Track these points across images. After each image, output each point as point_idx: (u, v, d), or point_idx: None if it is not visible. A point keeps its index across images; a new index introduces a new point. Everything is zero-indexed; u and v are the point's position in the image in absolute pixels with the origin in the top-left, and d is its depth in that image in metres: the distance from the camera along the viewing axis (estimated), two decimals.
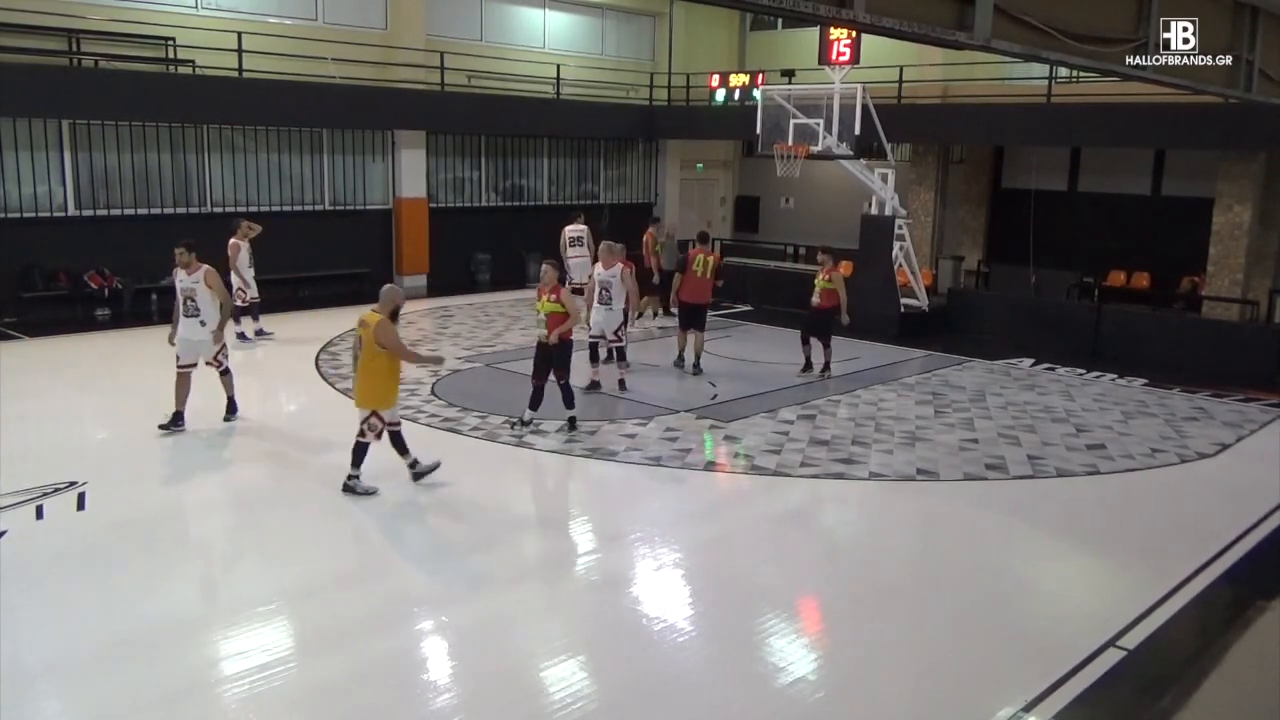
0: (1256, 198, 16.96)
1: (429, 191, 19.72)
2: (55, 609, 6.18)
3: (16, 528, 7.30)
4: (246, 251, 13.93)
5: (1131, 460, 9.84)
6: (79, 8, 15.54)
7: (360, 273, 18.63)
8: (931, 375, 13.34)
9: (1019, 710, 5.31)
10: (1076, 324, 15.50)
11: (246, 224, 14.13)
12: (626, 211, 22.86)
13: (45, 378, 12.03)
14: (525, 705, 5.29)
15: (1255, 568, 7.51)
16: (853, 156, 15.77)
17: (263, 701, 5.21)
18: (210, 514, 7.82)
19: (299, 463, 9.49)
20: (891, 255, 16.16)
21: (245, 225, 14.08)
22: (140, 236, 16.26)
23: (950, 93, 20.29)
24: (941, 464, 9.51)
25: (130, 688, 5.33)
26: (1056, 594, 6.99)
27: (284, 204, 17.96)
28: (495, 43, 21.11)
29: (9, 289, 15.17)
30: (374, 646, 5.85)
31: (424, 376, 12.28)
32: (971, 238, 21.04)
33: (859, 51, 15.54)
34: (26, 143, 15.26)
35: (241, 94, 16.47)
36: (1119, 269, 18.91)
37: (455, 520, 7.93)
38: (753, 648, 6.00)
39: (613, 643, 6.08)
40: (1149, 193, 19.11)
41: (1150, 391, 12.70)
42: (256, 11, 17.53)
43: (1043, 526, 8.33)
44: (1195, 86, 8.60)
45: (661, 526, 7.93)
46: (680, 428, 10.39)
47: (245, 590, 6.53)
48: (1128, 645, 6.08)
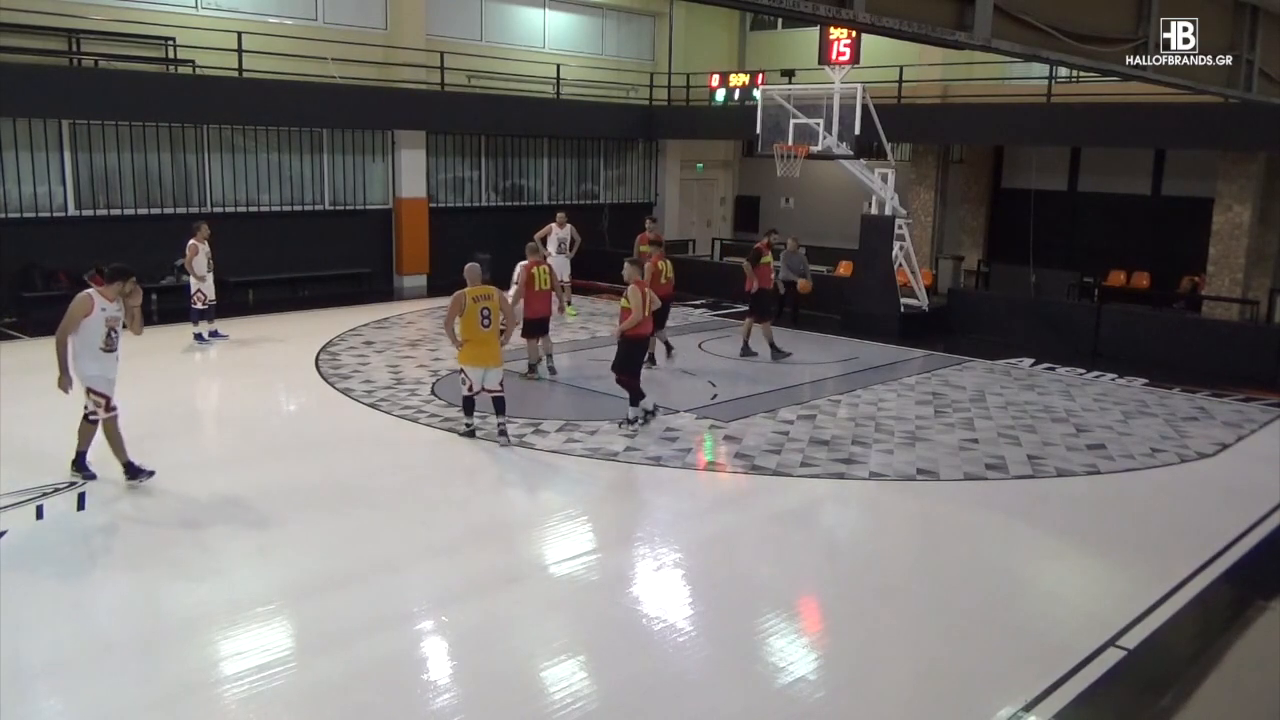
0: (1256, 198, 16.96)
1: (429, 191, 19.73)
2: (55, 609, 6.17)
3: (16, 528, 7.30)
4: (205, 254, 13.78)
5: (1132, 460, 9.84)
6: (79, 8, 15.55)
7: (360, 273, 18.64)
8: (931, 375, 13.34)
9: (1019, 710, 5.31)
10: (1076, 324, 15.49)
11: (204, 225, 13.93)
12: (626, 211, 22.88)
13: (45, 378, 11.94)
14: (525, 705, 5.29)
15: (1255, 568, 7.50)
16: (853, 156, 15.76)
17: (262, 701, 5.21)
18: (210, 513, 7.81)
19: (299, 462, 9.48)
20: (891, 255, 16.16)
21: (204, 227, 13.88)
22: (140, 236, 16.26)
23: (950, 93, 20.29)
24: (941, 464, 9.50)
25: (130, 688, 5.33)
26: (1056, 594, 6.99)
27: (284, 204, 17.97)
28: (495, 43, 21.12)
29: (9, 289, 15.18)
30: (374, 646, 5.84)
31: (424, 377, 12.29)
32: (971, 238, 21.05)
33: (859, 51, 15.54)
34: (26, 143, 15.27)
35: (241, 94, 16.47)
36: (1119, 269, 18.92)
37: (455, 520, 7.93)
38: (753, 648, 6.00)
39: (613, 643, 6.08)
40: (1149, 193, 19.12)
41: (1150, 391, 12.70)
42: (256, 11, 17.54)
43: (1043, 526, 8.33)
44: (1195, 86, 8.62)
45: (661, 526, 7.93)
46: (680, 428, 10.39)
47: (245, 590, 6.52)
48: (1128, 645, 6.07)
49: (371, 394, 11.43)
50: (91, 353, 8.02)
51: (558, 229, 16.59)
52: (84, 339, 7.99)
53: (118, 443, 8.22)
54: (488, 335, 9.49)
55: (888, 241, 16.14)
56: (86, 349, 8.01)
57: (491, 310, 9.49)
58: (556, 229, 16.58)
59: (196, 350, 13.73)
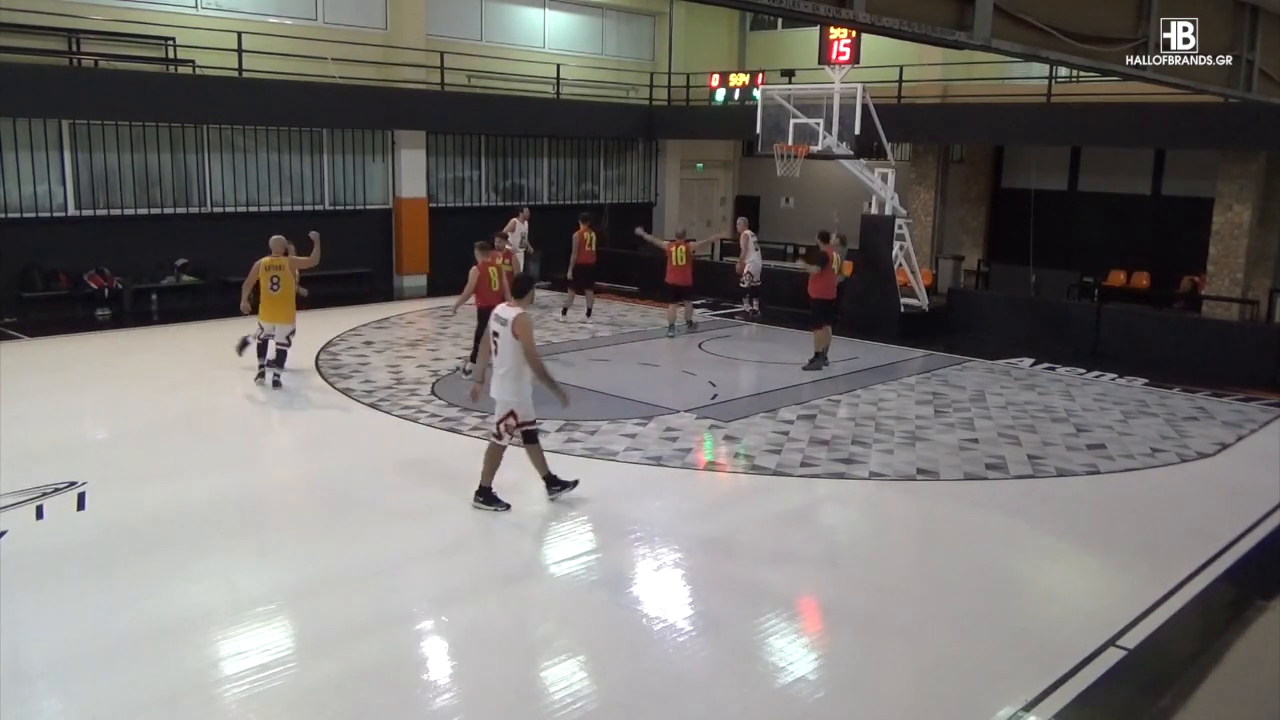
0: (1256, 198, 16.96)
1: (429, 191, 19.72)
2: (55, 609, 6.17)
3: (16, 528, 7.30)
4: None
5: (1131, 460, 9.84)
6: (79, 8, 15.54)
7: (360, 273, 18.63)
8: (931, 375, 13.34)
9: (1019, 710, 5.31)
10: (1076, 324, 15.49)
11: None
12: (626, 211, 22.88)
13: (45, 378, 12.03)
14: (525, 705, 5.29)
15: (1255, 568, 7.50)
16: (853, 156, 15.76)
17: (263, 701, 5.21)
18: (210, 514, 7.81)
19: (299, 462, 9.49)
20: (891, 255, 16.16)
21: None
22: (140, 236, 16.28)
23: (950, 93, 20.29)
24: (942, 464, 9.50)
25: (130, 688, 5.33)
26: (1056, 594, 6.99)
27: (284, 204, 17.96)
28: (495, 43, 21.11)
29: (9, 289, 15.17)
30: (374, 646, 5.84)
31: (424, 377, 12.29)
32: (971, 238, 21.05)
33: (859, 51, 15.53)
34: (26, 143, 15.26)
35: (241, 94, 16.47)
36: (1119, 269, 18.91)
37: (455, 520, 7.92)
38: (753, 648, 6.00)
39: (613, 643, 6.08)
40: (1149, 193, 19.11)
41: (1150, 391, 12.70)
42: (256, 11, 17.53)
43: (1043, 526, 8.33)
44: (1195, 86, 8.61)
45: (661, 526, 7.93)
46: (680, 428, 10.39)
47: (245, 590, 6.53)
48: (1128, 645, 6.07)
49: (371, 394, 11.43)
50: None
51: (520, 224, 16.91)
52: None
53: (490, 466, 7.99)
54: (276, 297, 11.40)
55: (888, 241, 16.14)
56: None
57: (280, 278, 11.39)
58: (519, 223, 16.90)
59: (193, 350, 13.67)
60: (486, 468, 7.97)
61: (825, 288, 13.29)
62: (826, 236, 14.00)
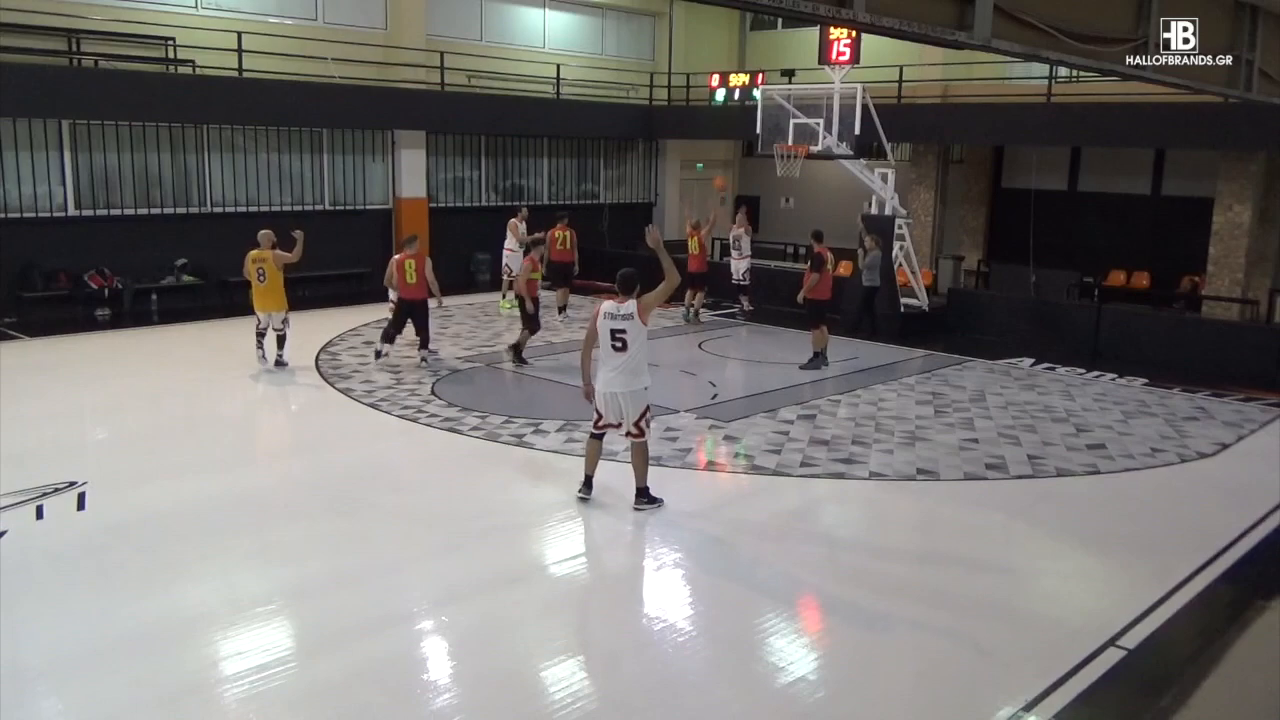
0: (1256, 198, 16.96)
1: (429, 191, 19.73)
2: (55, 609, 6.17)
3: (16, 528, 7.30)
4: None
5: (1131, 460, 9.84)
6: (79, 8, 15.55)
7: (360, 273, 18.63)
8: (931, 375, 13.34)
9: (1019, 710, 5.31)
10: (1076, 324, 15.49)
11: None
12: (626, 211, 22.87)
13: (45, 378, 12.03)
14: (525, 705, 5.29)
15: (1255, 568, 7.50)
16: (853, 156, 15.76)
17: (263, 701, 5.21)
18: (210, 514, 7.81)
19: (299, 462, 9.49)
20: (891, 255, 16.15)
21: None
22: (140, 236, 16.28)
23: (950, 93, 20.29)
24: (942, 464, 9.50)
25: (130, 688, 5.33)
26: (1056, 594, 6.99)
27: (284, 204, 17.96)
28: (495, 43, 21.12)
29: (9, 289, 15.18)
30: (374, 646, 5.84)
31: (424, 376, 12.29)
32: (971, 238, 21.05)
33: (859, 51, 15.53)
34: (26, 143, 15.26)
35: (241, 94, 16.47)
36: (1119, 269, 18.92)
37: (455, 520, 7.92)
38: (753, 648, 6.00)
39: (613, 643, 6.08)
40: (1149, 193, 19.12)
41: (1150, 391, 12.70)
42: (256, 11, 17.54)
43: (1043, 526, 8.33)
44: (1195, 86, 8.61)
45: (661, 526, 7.92)
46: (680, 428, 10.39)
47: (245, 590, 6.52)
48: (1128, 645, 6.07)
49: (371, 394, 11.43)
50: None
51: (520, 224, 16.98)
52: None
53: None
54: (264, 288, 12.11)
55: (888, 241, 16.12)
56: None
57: (265, 269, 12.03)
58: (519, 224, 16.97)
59: (193, 350, 13.72)
60: (640, 469, 8.02)
61: (821, 289, 13.31)
62: (820, 236, 14.01)
